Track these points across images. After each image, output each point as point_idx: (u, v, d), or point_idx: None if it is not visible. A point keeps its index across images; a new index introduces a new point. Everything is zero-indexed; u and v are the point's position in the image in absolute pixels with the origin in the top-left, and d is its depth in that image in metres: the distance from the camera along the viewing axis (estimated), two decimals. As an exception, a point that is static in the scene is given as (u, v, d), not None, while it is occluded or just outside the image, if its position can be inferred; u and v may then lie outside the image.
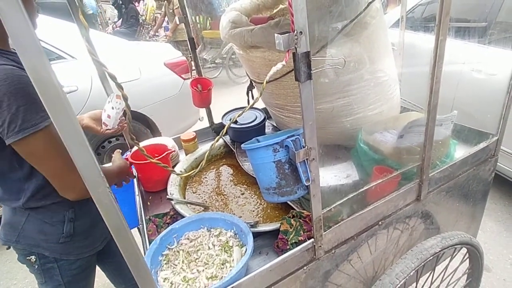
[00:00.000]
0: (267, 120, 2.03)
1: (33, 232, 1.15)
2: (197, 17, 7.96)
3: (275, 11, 1.97)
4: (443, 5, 0.92)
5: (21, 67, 0.96)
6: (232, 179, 1.72)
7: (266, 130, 2.02)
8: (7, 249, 1.20)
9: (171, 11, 7.20)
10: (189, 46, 1.94)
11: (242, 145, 1.14)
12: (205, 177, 1.76)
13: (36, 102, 0.93)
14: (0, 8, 0.46)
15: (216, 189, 1.65)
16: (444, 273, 1.52)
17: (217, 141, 0.96)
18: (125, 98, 0.81)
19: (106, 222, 0.64)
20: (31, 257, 1.18)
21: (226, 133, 2.06)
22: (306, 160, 0.94)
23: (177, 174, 1.01)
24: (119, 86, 0.74)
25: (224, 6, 7.49)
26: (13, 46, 1.08)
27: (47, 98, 0.52)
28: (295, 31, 0.72)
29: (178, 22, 1.84)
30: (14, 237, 1.15)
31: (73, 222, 1.19)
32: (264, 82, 0.80)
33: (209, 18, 7.87)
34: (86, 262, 1.29)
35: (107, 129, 1.39)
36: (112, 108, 1.36)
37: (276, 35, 0.74)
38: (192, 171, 1.04)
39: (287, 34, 0.72)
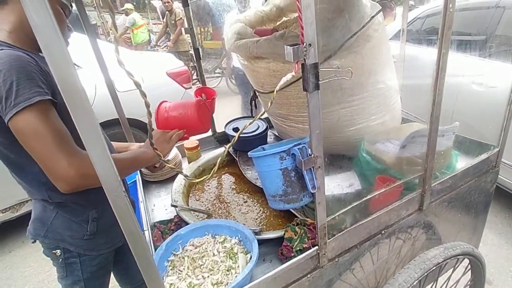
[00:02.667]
0: (269, 130, 2.06)
1: (60, 228, 1.21)
2: (198, 28, 8.09)
3: (278, 23, 2.01)
4: (446, 20, 0.95)
5: (31, 57, 0.98)
6: (234, 187, 1.74)
7: (268, 140, 2.04)
8: (33, 242, 1.27)
9: (173, 22, 7.33)
10: (194, 56, 1.97)
11: (249, 153, 1.16)
12: (208, 185, 1.77)
13: (32, 79, 0.93)
14: (36, 24, 0.49)
15: (219, 197, 1.66)
16: (447, 284, 1.52)
17: (228, 148, 0.98)
18: (147, 105, 0.84)
19: (120, 225, 0.65)
20: (56, 251, 1.25)
21: (229, 141, 2.08)
22: (312, 168, 0.96)
23: (190, 179, 1.02)
24: (143, 94, 0.77)
25: (225, 18, 7.62)
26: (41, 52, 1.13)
27: (72, 103, 0.54)
28: (305, 43, 0.75)
29: (184, 33, 1.89)
30: (43, 232, 1.22)
31: (96, 221, 1.25)
32: (274, 92, 0.83)
33: (210, 29, 7.98)
34: (105, 260, 1.35)
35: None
36: None
37: (286, 47, 0.76)
38: (205, 177, 1.06)
39: (296, 46, 0.75)
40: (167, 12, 7.56)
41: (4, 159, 1.10)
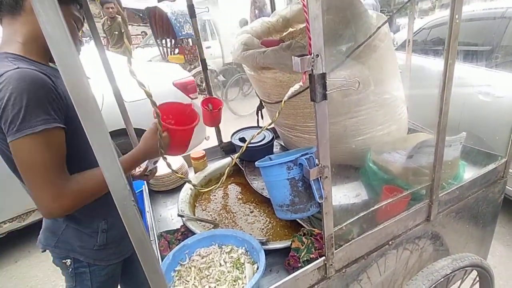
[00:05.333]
0: (275, 140, 2.06)
1: (71, 238, 1.22)
2: (164, 41, 7.65)
3: (284, 34, 2.03)
4: (452, 30, 0.95)
5: (47, 75, 0.98)
6: (240, 197, 1.74)
7: (274, 150, 2.05)
8: (43, 251, 1.27)
9: (116, 32, 6.58)
10: (201, 67, 2.00)
11: (256, 163, 1.17)
12: (214, 195, 1.78)
13: (42, 105, 0.93)
14: (50, 36, 0.50)
15: (226, 207, 1.66)
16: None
17: (236, 159, 0.98)
18: (158, 115, 0.84)
19: (129, 233, 0.66)
20: (66, 260, 1.25)
21: (235, 151, 2.09)
22: (319, 178, 0.96)
23: (198, 188, 1.02)
24: (154, 104, 0.78)
25: (187, 30, 6.94)
26: (52, 63, 1.14)
27: (84, 113, 0.56)
28: (312, 54, 0.76)
29: (191, 44, 1.91)
30: (54, 242, 1.22)
31: (106, 233, 1.26)
32: (282, 102, 0.83)
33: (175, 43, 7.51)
34: (113, 270, 1.35)
35: (139, 170, 1.50)
36: None
37: (293, 57, 0.77)
38: (213, 186, 1.06)
39: (304, 57, 0.76)
40: (106, 19, 6.62)
41: (16, 171, 1.09)
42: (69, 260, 1.25)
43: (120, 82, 1.72)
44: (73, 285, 1.29)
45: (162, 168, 1.56)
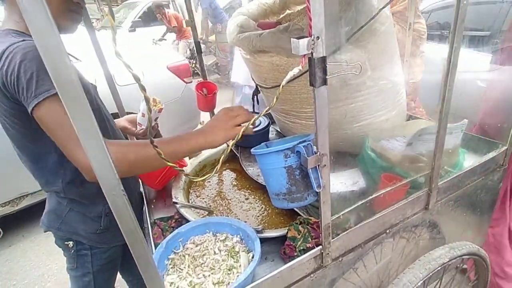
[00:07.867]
0: (271, 125, 2.02)
1: (74, 222, 1.24)
2: None
3: (281, 16, 1.97)
4: (459, 12, 0.91)
5: None
6: (235, 183, 1.71)
7: (270, 135, 2.01)
8: (45, 231, 1.29)
9: None
10: (195, 50, 1.94)
11: (252, 150, 1.13)
12: (209, 181, 1.75)
13: None
14: (26, 10, 0.45)
15: (220, 194, 1.63)
16: (451, 283, 1.50)
17: (232, 146, 0.94)
18: (147, 100, 0.80)
19: (119, 224, 0.63)
20: (69, 242, 1.28)
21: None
22: (317, 167, 0.93)
23: (192, 178, 0.98)
24: (142, 88, 0.74)
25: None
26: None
27: (67, 98, 0.51)
28: (313, 36, 0.71)
29: (185, 26, 1.84)
30: (57, 224, 1.25)
31: (109, 216, 1.27)
32: (280, 87, 0.79)
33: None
34: (115, 253, 1.38)
35: (141, 129, 1.51)
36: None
37: (292, 39, 0.73)
38: (207, 176, 1.02)
39: (304, 39, 0.71)
40: None
41: (23, 149, 1.13)
42: (71, 242, 1.27)
43: (112, 65, 1.66)
44: (74, 266, 1.31)
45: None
